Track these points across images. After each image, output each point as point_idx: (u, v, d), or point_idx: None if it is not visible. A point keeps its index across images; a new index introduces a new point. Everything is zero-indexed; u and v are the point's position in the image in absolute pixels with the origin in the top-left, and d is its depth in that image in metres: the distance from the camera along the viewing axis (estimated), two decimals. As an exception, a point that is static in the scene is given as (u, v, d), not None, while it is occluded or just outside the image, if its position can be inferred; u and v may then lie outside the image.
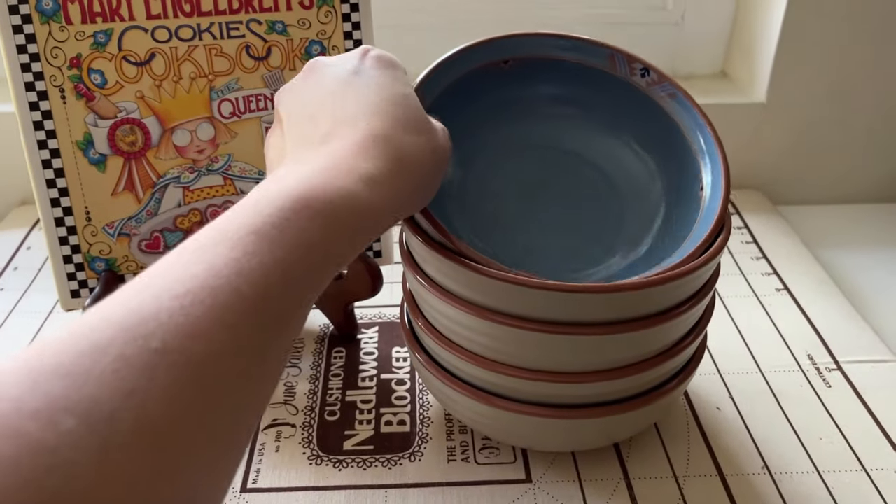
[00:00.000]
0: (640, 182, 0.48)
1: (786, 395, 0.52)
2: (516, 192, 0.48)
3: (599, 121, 0.49)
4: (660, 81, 0.49)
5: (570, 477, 0.46)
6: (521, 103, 0.49)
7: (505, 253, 0.44)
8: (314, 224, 0.29)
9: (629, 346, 0.41)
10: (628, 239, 0.47)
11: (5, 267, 0.64)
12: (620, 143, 0.49)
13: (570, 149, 0.49)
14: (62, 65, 0.45)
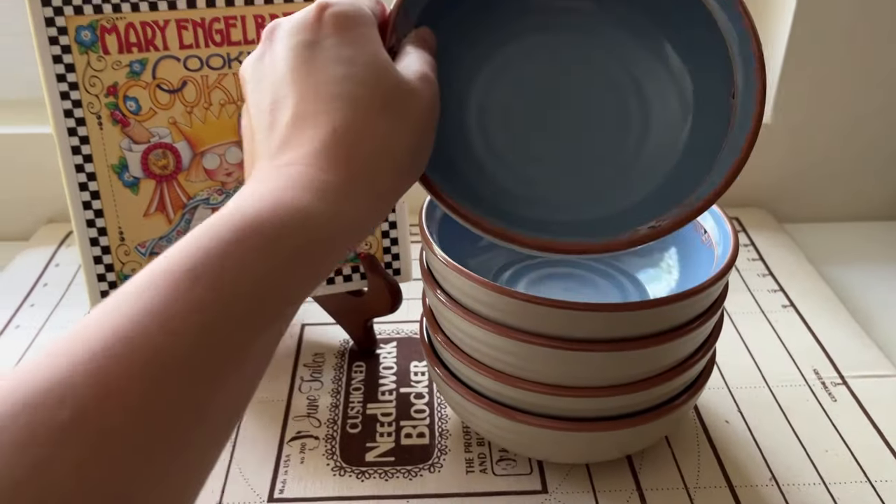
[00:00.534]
0: (668, 87, 0.43)
1: (792, 409, 0.53)
2: (524, 113, 0.43)
3: (612, 18, 0.43)
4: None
5: (585, 488, 0.48)
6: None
7: (517, 188, 0.42)
8: (261, 255, 0.26)
9: (642, 362, 0.43)
10: (652, 156, 0.42)
11: (35, 283, 0.66)
12: (644, 40, 0.43)
13: (587, 52, 0.43)
14: (99, 92, 0.48)
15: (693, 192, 0.39)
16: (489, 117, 0.43)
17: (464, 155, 0.42)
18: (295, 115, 0.31)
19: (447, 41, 0.40)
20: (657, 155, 0.42)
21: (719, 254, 0.46)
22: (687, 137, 0.42)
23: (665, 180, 0.42)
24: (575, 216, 0.42)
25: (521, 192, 0.42)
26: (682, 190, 0.40)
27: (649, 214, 0.40)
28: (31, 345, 0.59)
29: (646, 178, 0.42)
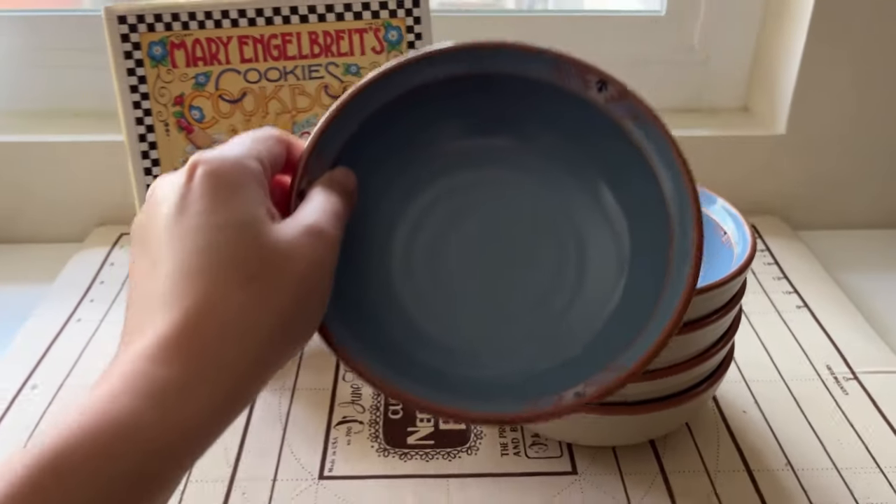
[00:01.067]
0: (606, 238, 0.40)
1: (806, 401, 0.57)
2: (449, 255, 0.41)
3: (542, 153, 0.41)
4: (620, 98, 0.39)
5: (612, 470, 0.51)
6: (430, 142, 0.40)
7: (435, 337, 0.40)
8: (76, 483, 0.23)
9: (665, 351, 0.46)
10: (582, 312, 0.40)
11: (92, 281, 0.71)
12: (572, 181, 0.41)
13: (523, 192, 0.41)
14: (167, 102, 0.52)
15: (623, 355, 0.37)
16: (413, 256, 0.40)
17: (377, 298, 0.39)
18: (147, 297, 0.28)
19: (368, 179, 0.38)
20: (587, 312, 0.40)
21: (738, 253, 0.50)
22: (620, 294, 0.39)
23: (594, 339, 0.39)
24: (495, 371, 0.39)
25: (441, 343, 0.40)
26: (611, 352, 0.37)
27: (574, 378, 0.37)
28: (93, 337, 0.63)
29: (573, 337, 0.40)
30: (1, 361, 0.60)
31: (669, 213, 0.38)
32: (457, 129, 0.41)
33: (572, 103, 0.39)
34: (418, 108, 0.38)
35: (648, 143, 0.38)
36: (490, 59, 0.37)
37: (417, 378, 0.37)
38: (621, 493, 0.49)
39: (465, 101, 0.39)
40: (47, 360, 0.60)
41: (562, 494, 0.49)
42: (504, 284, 0.41)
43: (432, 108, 0.39)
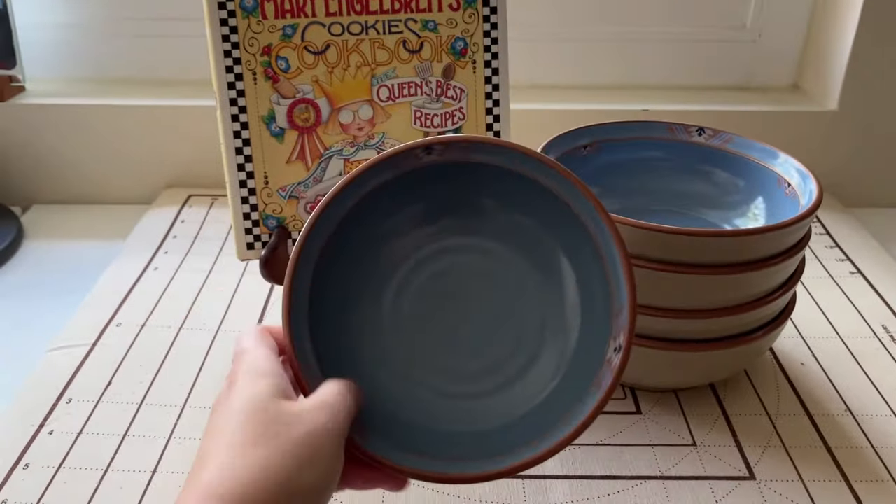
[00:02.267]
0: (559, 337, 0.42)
1: (863, 356, 0.58)
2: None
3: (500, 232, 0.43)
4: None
5: (675, 411, 0.53)
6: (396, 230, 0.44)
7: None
8: None
9: (730, 289, 0.48)
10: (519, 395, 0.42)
11: (166, 235, 0.74)
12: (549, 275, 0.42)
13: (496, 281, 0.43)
14: (256, 52, 0.55)
15: (541, 439, 0.39)
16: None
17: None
18: (193, 464, 0.34)
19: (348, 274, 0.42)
20: (522, 396, 0.42)
21: (804, 203, 0.52)
22: (553, 389, 0.41)
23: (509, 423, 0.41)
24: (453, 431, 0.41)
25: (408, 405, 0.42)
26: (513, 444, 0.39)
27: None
28: (170, 282, 0.66)
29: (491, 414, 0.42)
30: (85, 303, 0.64)
31: (611, 316, 0.39)
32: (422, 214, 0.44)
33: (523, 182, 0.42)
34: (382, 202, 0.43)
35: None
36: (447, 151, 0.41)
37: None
38: (685, 431, 0.51)
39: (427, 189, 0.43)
40: (129, 302, 0.63)
41: (627, 431, 0.51)
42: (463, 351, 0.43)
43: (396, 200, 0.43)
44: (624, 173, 0.59)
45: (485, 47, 0.59)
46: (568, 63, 0.86)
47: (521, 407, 0.41)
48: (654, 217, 0.48)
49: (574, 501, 0.46)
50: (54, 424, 0.51)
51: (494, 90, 0.60)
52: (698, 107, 0.82)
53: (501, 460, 0.38)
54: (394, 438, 0.39)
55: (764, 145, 0.57)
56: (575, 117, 0.62)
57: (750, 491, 0.47)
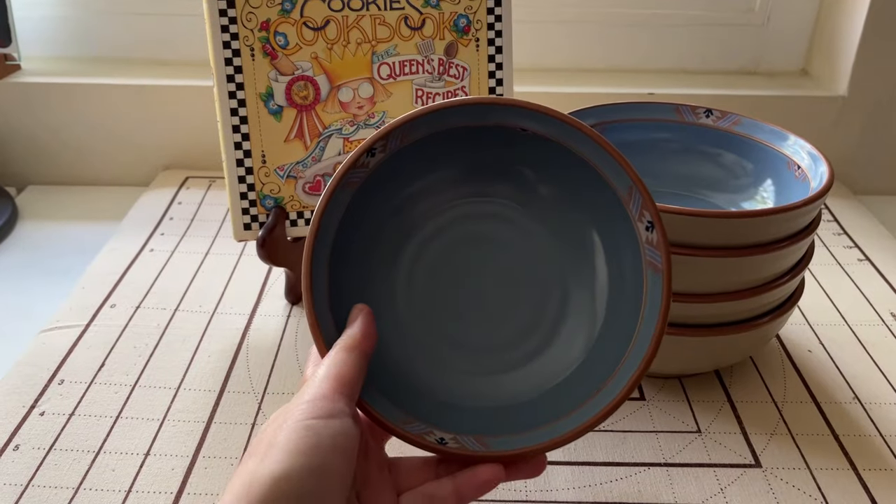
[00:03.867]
0: (587, 308, 0.41)
1: (871, 343, 0.57)
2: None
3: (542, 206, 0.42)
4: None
5: (680, 398, 0.52)
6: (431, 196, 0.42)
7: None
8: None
9: (737, 272, 0.47)
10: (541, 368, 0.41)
11: (162, 217, 0.73)
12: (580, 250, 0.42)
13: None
14: (254, 27, 0.54)
15: (572, 412, 0.38)
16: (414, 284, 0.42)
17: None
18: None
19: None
20: (548, 371, 0.41)
21: (814, 186, 0.50)
22: (580, 364, 0.40)
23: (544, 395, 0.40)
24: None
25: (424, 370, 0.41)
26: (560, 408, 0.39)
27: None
28: (166, 264, 0.65)
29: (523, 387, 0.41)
30: (79, 282, 0.62)
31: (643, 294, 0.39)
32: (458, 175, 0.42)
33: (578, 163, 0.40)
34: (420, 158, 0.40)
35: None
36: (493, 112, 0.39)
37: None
38: (690, 418, 0.50)
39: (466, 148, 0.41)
40: (124, 284, 0.62)
41: (630, 417, 0.50)
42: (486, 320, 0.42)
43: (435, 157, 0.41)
44: (630, 155, 0.57)
45: (488, 25, 0.58)
46: (573, 46, 0.85)
47: (547, 382, 0.40)
48: (660, 200, 0.46)
49: (576, 488, 0.45)
50: (46, 405, 0.50)
51: (498, 69, 0.59)
52: (705, 91, 0.80)
53: (529, 436, 0.37)
54: (415, 409, 0.39)
55: (773, 127, 0.55)
56: (580, 100, 0.60)
57: (756, 478, 0.46)
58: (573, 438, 0.37)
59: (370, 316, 0.38)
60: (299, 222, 0.58)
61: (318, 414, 0.33)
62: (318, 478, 0.32)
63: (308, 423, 0.33)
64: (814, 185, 0.50)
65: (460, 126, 0.39)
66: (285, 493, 0.31)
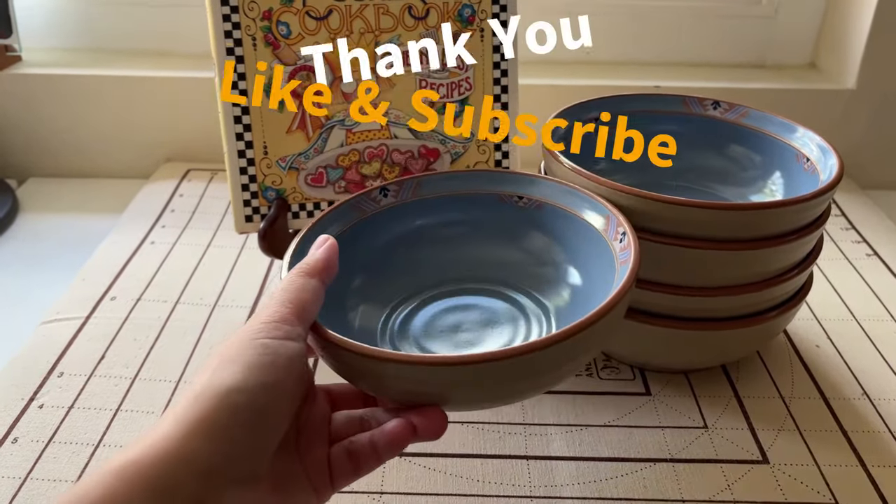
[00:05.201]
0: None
1: (880, 339, 0.56)
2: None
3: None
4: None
5: (686, 393, 0.51)
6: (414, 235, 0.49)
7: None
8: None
9: (745, 265, 0.46)
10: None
11: (163, 209, 0.72)
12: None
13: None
14: (256, 17, 0.53)
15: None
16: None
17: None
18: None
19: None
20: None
21: (823, 179, 0.49)
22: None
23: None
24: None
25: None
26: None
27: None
28: (167, 256, 0.64)
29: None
30: (80, 274, 0.62)
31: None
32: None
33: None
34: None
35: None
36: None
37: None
38: (696, 414, 0.49)
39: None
40: (124, 276, 0.62)
41: (636, 412, 0.50)
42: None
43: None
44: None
45: (493, 14, 0.57)
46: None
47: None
48: (666, 192, 0.46)
49: (581, 483, 0.44)
50: (45, 398, 0.49)
51: (502, 60, 0.58)
52: (712, 84, 0.80)
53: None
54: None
55: (782, 119, 0.55)
56: (586, 93, 0.60)
57: (764, 475, 0.45)
58: (520, 353, 0.35)
59: (334, 247, 0.39)
60: (301, 214, 0.57)
61: (275, 335, 0.33)
62: (271, 396, 0.32)
63: (265, 342, 0.33)
64: (823, 178, 0.50)
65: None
66: (237, 404, 0.30)
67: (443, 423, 0.36)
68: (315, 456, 0.35)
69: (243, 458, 0.31)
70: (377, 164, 0.57)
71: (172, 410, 0.31)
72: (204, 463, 0.29)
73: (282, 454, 0.33)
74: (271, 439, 0.32)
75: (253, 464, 0.31)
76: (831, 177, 0.48)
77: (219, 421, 0.30)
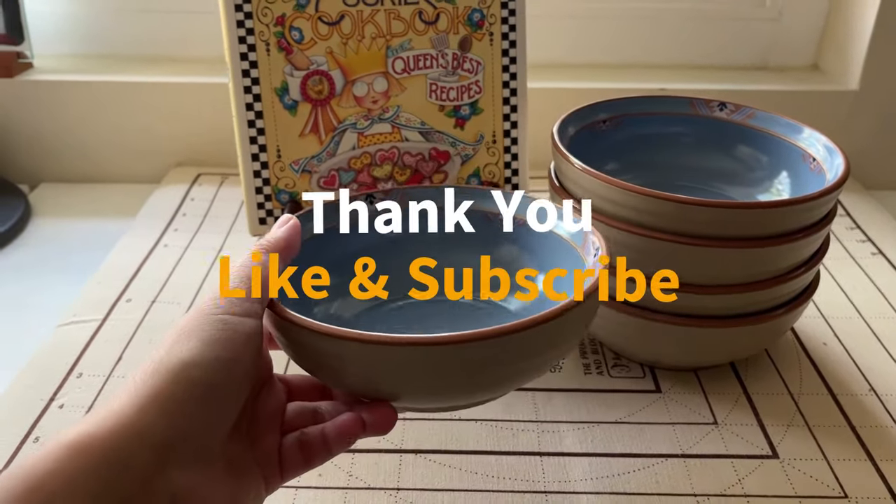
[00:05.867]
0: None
1: (887, 337, 0.57)
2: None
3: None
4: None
5: (696, 390, 0.52)
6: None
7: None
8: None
9: (753, 263, 0.47)
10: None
11: (175, 213, 0.73)
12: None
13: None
14: (269, 22, 0.54)
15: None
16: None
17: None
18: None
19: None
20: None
21: (829, 178, 0.50)
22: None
23: None
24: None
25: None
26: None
27: None
28: (180, 259, 0.65)
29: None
30: (94, 277, 0.63)
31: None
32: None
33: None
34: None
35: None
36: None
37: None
38: (706, 410, 0.50)
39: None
40: (139, 278, 0.63)
41: (647, 409, 0.50)
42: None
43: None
44: (644, 148, 0.58)
45: (502, 19, 0.58)
46: (585, 41, 0.85)
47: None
48: (674, 192, 0.47)
49: (594, 478, 0.45)
50: (64, 398, 0.50)
51: (511, 63, 0.59)
52: (717, 86, 0.80)
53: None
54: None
55: (788, 119, 0.56)
56: (592, 96, 0.60)
57: (774, 469, 0.46)
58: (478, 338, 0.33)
59: (296, 227, 0.40)
60: (314, 217, 0.58)
61: (234, 311, 0.33)
62: (229, 371, 0.31)
63: (223, 318, 0.33)
64: (829, 177, 0.50)
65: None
66: (193, 379, 0.30)
67: (391, 417, 0.36)
68: (267, 444, 0.35)
69: (197, 434, 0.30)
70: (388, 167, 0.58)
71: (126, 385, 0.30)
72: (158, 437, 0.29)
73: (234, 439, 0.33)
74: (227, 416, 0.32)
75: (207, 440, 0.31)
76: (837, 176, 0.49)
77: (175, 395, 0.30)
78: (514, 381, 0.38)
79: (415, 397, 0.37)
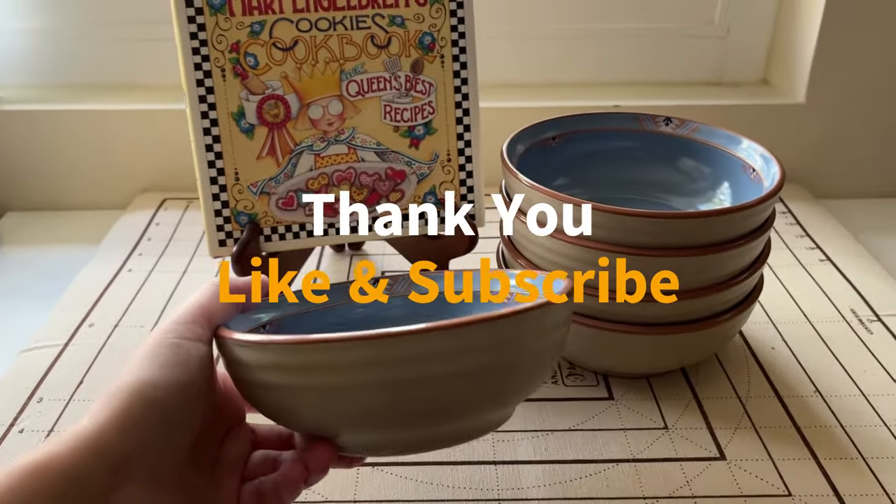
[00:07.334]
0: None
1: (832, 340, 0.59)
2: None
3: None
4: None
5: (647, 396, 0.53)
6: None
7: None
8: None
9: (699, 271, 0.49)
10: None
11: (140, 238, 0.74)
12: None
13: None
14: (224, 49, 0.55)
15: None
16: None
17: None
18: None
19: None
20: None
21: (767, 185, 0.52)
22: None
23: None
24: None
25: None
26: None
27: None
28: (144, 283, 0.66)
29: None
30: (58, 304, 0.63)
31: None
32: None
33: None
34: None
35: None
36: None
37: None
38: (657, 415, 0.52)
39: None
40: (102, 303, 0.63)
41: (599, 416, 0.52)
42: None
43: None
44: (592, 164, 0.60)
45: (452, 42, 0.60)
46: (537, 60, 0.87)
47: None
48: (620, 205, 0.48)
49: (547, 485, 0.46)
50: (25, 423, 0.51)
51: (463, 84, 0.61)
52: (669, 102, 0.83)
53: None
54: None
55: (729, 132, 0.58)
56: (545, 114, 0.62)
57: (720, 470, 0.47)
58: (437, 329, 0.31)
59: (264, 281, 0.40)
60: (273, 237, 0.59)
61: (187, 335, 0.35)
62: (185, 393, 0.33)
63: (178, 342, 0.34)
64: (766, 185, 0.52)
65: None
66: (151, 399, 0.31)
67: (329, 454, 0.36)
68: (227, 488, 0.37)
69: (154, 454, 0.32)
70: (346, 187, 0.59)
71: (90, 408, 0.32)
72: (115, 455, 0.30)
73: (196, 471, 0.35)
74: (183, 437, 0.33)
75: (162, 460, 0.32)
76: (773, 184, 0.51)
77: (133, 416, 0.31)
78: (448, 411, 0.34)
79: (356, 432, 0.35)
